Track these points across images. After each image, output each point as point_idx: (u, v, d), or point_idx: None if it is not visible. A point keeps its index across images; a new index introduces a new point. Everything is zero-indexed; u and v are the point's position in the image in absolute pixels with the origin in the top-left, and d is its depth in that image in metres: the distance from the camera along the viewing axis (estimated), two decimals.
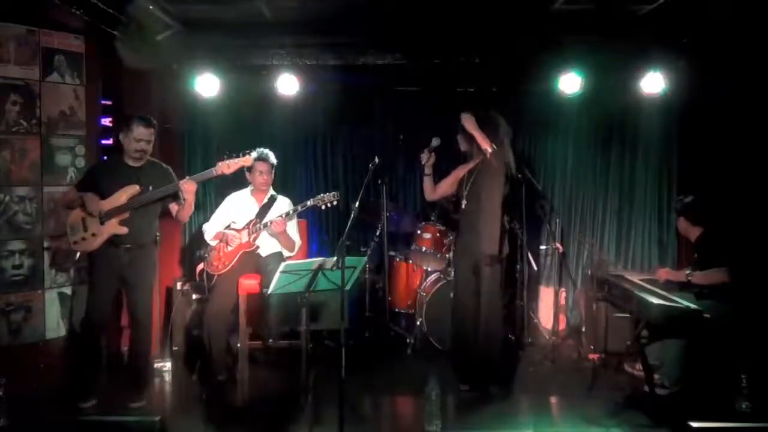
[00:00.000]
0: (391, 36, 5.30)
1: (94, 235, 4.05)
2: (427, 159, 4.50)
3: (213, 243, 4.70)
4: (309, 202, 4.51)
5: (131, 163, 4.13)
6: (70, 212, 4.12)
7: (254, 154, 4.71)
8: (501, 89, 5.81)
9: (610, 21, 4.93)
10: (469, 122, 4.32)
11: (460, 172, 4.54)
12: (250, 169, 4.68)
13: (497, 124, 4.42)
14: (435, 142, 4.48)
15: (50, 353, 4.69)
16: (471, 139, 4.38)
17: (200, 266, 4.82)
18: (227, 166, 4.16)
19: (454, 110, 4.47)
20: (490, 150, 4.24)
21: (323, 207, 4.47)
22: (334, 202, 4.43)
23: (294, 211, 4.60)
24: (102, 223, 4.04)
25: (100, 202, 4.05)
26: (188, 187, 4.08)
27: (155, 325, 5.18)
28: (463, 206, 4.46)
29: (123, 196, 4.06)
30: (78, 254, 4.51)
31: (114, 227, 4.04)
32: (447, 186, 4.60)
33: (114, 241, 4.06)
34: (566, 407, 4.27)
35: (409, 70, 5.61)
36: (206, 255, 4.75)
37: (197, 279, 4.86)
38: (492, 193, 4.39)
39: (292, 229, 4.83)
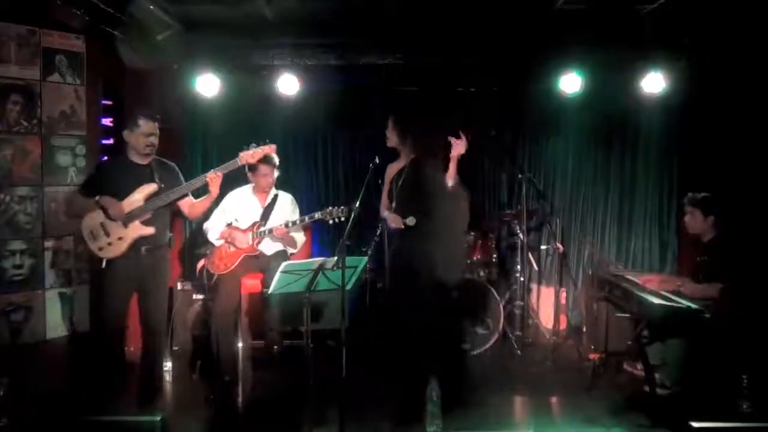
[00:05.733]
0: (391, 36, 5.30)
1: (120, 239, 3.87)
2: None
3: (218, 243, 4.70)
4: (317, 215, 4.47)
5: (139, 161, 3.97)
6: (84, 219, 3.90)
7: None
8: (501, 89, 5.81)
9: (611, 21, 4.93)
10: (458, 151, 4.10)
11: (391, 171, 4.40)
12: (253, 169, 4.66)
13: (434, 133, 4.31)
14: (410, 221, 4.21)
15: (51, 353, 4.70)
16: (404, 137, 4.25)
17: (201, 263, 4.81)
18: (251, 156, 4.08)
19: (455, 111, 4.46)
20: (452, 182, 4.12)
21: (331, 221, 4.39)
22: (342, 218, 4.31)
23: (301, 221, 4.59)
24: (126, 226, 3.88)
25: (121, 204, 3.88)
26: (216, 180, 3.98)
27: None
28: (393, 206, 4.31)
29: (140, 195, 3.91)
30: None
31: (139, 229, 3.90)
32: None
33: (135, 243, 3.92)
34: (566, 407, 4.27)
35: (409, 70, 5.61)
36: (208, 252, 4.74)
37: (197, 275, 4.85)
38: (455, 220, 4.27)
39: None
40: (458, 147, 4.09)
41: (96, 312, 3.95)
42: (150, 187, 3.94)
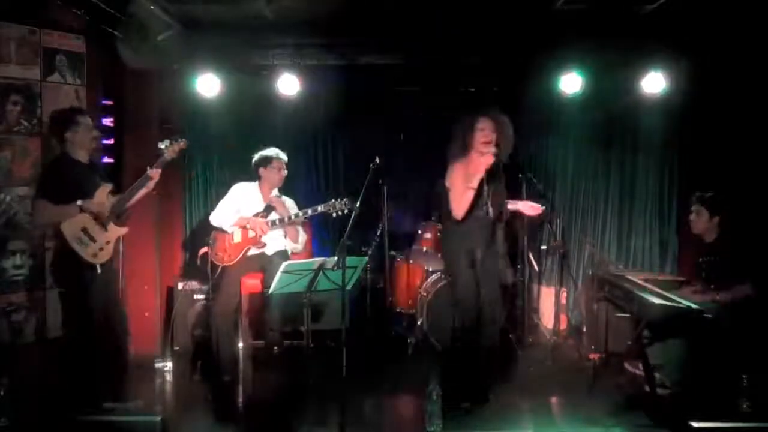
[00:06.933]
0: (392, 36, 5.30)
1: (108, 242, 3.94)
2: None
3: (231, 230, 4.70)
4: (320, 208, 4.49)
5: (83, 159, 4.00)
6: (63, 226, 3.84)
7: (272, 153, 4.78)
8: (502, 89, 5.81)
9: (611, 21, 4.93)
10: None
11: (474, 172, 4.13)
12: (266, 163, 4.74)
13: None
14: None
15: (51, 353, 4.69)
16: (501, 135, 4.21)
17: (203, 250, 4.82)
18: (173, 151, 4.18)
19: (455, 110, 4.45)
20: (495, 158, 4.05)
21: (334, 214, 4.45)
22: (345, 211, 4.37)
23: (304, 214, 4.60)
24: (106, 229, 3.93)
25: (105, 206, 3.93)
26: (156, 176, 4.08)
27: (155, 324, 5.21)
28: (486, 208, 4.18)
29: (103, 195, 3.96)
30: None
31: (118, 230, 3.99)
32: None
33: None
34: (566, 407, 4.26)
35: (409, 70, 5.61)
36: (211, 241, 4.74)
37: (198, 262, 4.86)
38: None
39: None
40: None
41: (85, 314, 3.91)
42: (107, 187, 4.01)
